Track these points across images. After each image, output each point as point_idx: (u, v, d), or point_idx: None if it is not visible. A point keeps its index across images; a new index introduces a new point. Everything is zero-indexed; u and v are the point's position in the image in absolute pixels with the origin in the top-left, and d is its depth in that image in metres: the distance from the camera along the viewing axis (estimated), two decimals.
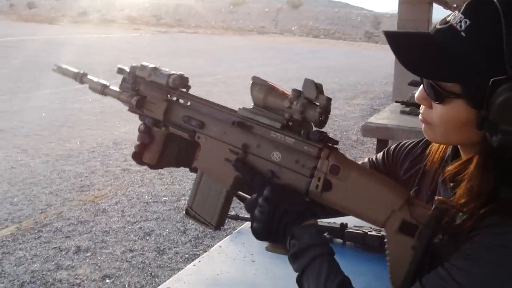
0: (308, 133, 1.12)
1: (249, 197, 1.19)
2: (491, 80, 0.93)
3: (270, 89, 1.16)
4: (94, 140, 7.47)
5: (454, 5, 12.00)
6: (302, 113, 1.10)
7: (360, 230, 1.95)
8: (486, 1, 0.97)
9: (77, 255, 4.08)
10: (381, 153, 1.46)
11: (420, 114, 1.12)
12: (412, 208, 1.04)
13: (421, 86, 1.08)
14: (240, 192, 1.27)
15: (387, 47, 1.05)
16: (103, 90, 1.44)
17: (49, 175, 5.92)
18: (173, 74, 1.31)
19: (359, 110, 10.91)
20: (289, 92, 1.13)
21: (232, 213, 1.96)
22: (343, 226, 1.98)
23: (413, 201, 1.06)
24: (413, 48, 1.03)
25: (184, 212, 1.34)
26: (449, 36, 1.00)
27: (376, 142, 4.44)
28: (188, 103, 1.32)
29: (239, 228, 2.20)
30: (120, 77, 1.39)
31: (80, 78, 1.48)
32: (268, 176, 1.16)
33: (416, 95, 1.10)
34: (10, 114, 8.84)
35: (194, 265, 1.91)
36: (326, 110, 1.09)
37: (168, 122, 1.33)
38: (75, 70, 1.51)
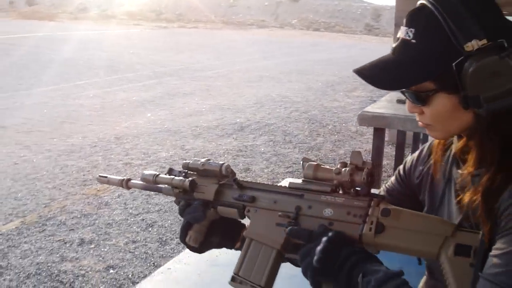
0: (357, 190, 1.21)
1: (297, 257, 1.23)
2: (453, 64, 1.04)
3: (318, 165, 1.26)
4: (95, 135, 7.54)
5: None
6: (351, 176, 1.19)
7: None
8: (419, 8, 1.13)
9: (81, 247, 4.16)
10: (393, 177, 1.53)
11: (418, 121, 1.22)
12: (461, 233, 1.11)
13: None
14: (289, 255, 1.31)
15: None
16: (155, 179, 1.49)
17: (52, 170, 6.00)
18: (224, 163, 1.40)
19: (359, 102, 10.95)
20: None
21: None
22: None
23: (459, 228, 1.13)
24: (381, 75, 1.17)
25: (229, 280, 1.35)
26: (403, 49, 1.13)
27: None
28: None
29: None
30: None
31: (126, 183, 1.54)
32: (324, 227, 1.22)
33: (406, 107, 1.23)
34: (12, 111, 8.91)
35: None
36: (371, 173, 1.19)
37: (218, 202, 1.40)
38: (119, 177, 1.58)
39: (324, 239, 1.15)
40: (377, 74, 1.17)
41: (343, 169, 1.21)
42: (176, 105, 9.75)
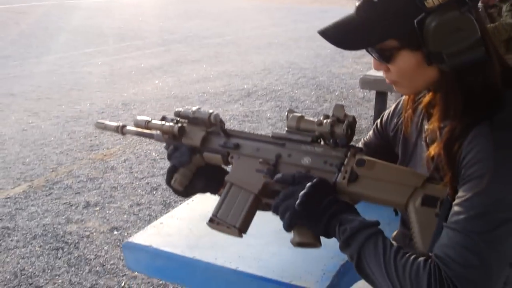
0: (336, 141, 1.26)
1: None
2: (415, 21, 1.05)
3: (301, 117, 1.31)
4: (103, 101, 7.59)
5: None
6: (332, 127, 1.23)
7: None
8: None
9: (86, 209, 4.24)
10: (371, 130, 1.57)
11: (385, 78, 1.24)
12: (430, 185, 1.16)
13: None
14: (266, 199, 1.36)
15: None
16: (147, 125, 1.56)
17: (59, 136, 6.08)
18: (213, 112, 1.45)
19: (367, 69, 10.82)
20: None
21: None
22: None
23: (429, 180, 1.18)
24: (345, 36, 1.17)
25: (207, 221, 1.42)
26: (366, 8, 1.13)
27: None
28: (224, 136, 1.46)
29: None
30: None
31: (121, 129, 1.62)
32: (305, 173, 1.27)
33: (372, 65, 1.24)
34: (21, 79, 8.98)
35: (187, 203, 2.03)
36: (351, 127, 1.23)
37: (204, 148, 1.46)
38: (115, 124, 1.66)
39: (308, 184, 1.20)
40: (340, 35, 1.17)
41: (324, 121, 1.25)
42: (184, 72, 9.75)
